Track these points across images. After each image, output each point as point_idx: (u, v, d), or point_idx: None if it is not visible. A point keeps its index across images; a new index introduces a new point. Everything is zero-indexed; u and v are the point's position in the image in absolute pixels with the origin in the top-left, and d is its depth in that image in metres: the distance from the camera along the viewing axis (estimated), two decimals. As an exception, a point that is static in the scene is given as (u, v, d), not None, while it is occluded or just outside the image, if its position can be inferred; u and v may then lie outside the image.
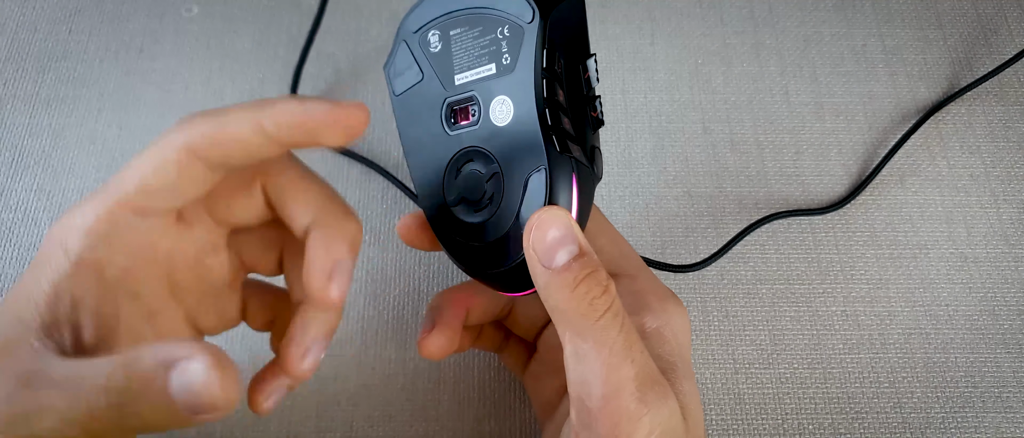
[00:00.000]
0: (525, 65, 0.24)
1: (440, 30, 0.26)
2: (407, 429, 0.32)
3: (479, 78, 0.25)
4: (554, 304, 0.22)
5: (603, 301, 0.21)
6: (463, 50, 0.25)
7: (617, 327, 0.21)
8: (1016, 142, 0.39)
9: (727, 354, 0.34)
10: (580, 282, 0.21)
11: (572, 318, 0.21)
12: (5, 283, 0.35)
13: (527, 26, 0.24)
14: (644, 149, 0.39)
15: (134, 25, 0.42)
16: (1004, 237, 0.36)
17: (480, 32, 0.25)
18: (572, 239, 0.22)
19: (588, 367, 0.21)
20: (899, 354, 0.34)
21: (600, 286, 0.21)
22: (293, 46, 0.41)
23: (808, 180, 0.38)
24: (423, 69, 0.26)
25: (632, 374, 0.21)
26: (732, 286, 0.35)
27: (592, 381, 0.21)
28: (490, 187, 0.25)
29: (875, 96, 0.40)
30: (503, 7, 0.24)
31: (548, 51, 0.24)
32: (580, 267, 0.21)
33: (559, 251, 0.21)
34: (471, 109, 0.25)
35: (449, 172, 0.25)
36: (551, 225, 0.22)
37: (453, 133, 0.25)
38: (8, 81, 0.40)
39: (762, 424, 0.32)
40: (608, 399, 0.21)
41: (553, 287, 0.21)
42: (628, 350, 0.21)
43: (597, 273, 0.21)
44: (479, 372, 0.33)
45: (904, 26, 0.42)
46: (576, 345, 0.21)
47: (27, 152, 0.38)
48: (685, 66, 0.41)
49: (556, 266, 0.21)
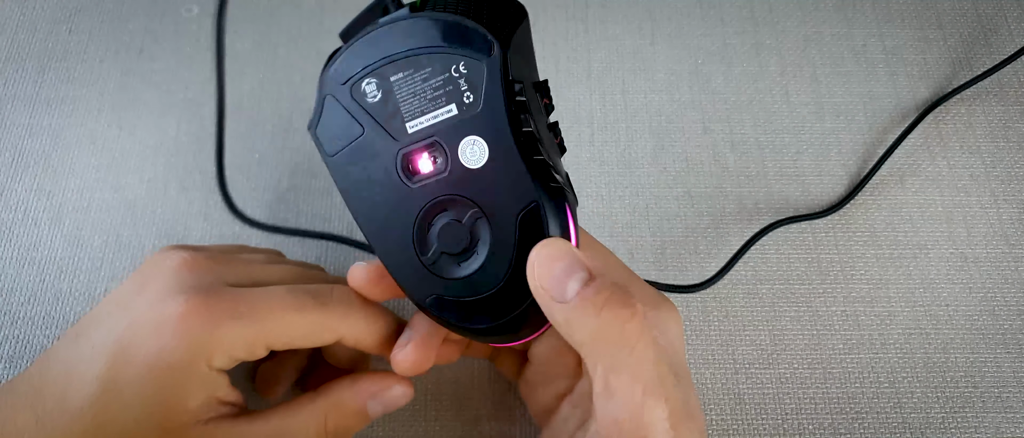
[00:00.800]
0: (493, 101, 0.22)
1: (376, 79, 0.23)
2: (407, 429, 0.32)
3: (437, 121, 0.23)
4: (581, 338, 0.21)
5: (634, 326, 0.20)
6: (411, 95, 0.23)
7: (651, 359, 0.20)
8: (1016, 142, 0.39)
9: (727, 354, 0.34)
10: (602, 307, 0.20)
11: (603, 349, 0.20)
12: (5, 283, 0.35)
13: (487, 60, 0.22)
14: (644, 149, 0.39)
15: (134, 25, 0.42)
16: (1004, 237, 0.36)
17: (429, 73, 0.23)
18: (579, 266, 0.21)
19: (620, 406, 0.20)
20: (899, 354, 0.34)
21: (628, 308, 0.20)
22: (293, 46, 0.41)
23: (808, 180, 0.38)
24: (362, 123, 0.24)
25: (666, 414, 0.20)
26: (732, 286, 0.35)
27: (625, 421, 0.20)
28: (476, 235, 0.23)
29: (875, 96, 0.40)
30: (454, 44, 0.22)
31: (512, 83, 0.22)
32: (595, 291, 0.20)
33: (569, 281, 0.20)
34: (434, 157, 0.23)
35: (418, 228, 0.23)
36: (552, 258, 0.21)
37: (415, 185, 0.23)
38: (8, 81, 0.40)
39: (762, 424, 0.32)
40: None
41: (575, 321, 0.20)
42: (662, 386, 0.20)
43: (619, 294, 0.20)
44: (479, 372, 0.33)
45: (904, 26, 0.42)
46: (607, 380, 0.20)
47: (27, 152, 0.38)
48: (685, 66, 0.41)
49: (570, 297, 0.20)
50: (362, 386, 0.27)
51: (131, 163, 0.38)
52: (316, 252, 0.36)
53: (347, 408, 0.26)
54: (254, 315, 0.24)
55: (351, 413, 0.26)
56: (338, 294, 0.26)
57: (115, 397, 0.23)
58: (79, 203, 0.37)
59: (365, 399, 0.26)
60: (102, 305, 0.25)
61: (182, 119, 0.39)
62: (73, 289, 0.35)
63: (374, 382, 0.27)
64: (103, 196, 0.37)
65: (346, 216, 0.37)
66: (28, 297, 0.34)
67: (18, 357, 0.33)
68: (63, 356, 0.24)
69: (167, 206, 0.37)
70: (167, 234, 0.36)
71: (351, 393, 0.26)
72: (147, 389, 0.23)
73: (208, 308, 0.23)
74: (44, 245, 0.36)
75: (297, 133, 0.39)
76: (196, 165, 0.38)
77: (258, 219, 0.36)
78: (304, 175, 0.38)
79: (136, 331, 0.23)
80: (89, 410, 0.23)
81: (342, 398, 0.26)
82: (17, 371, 0.33)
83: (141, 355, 0.23)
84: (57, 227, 0.36)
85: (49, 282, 0.35)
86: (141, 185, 0.37)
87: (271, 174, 0.38)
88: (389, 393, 0.27)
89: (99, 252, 0.35)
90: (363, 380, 0.27)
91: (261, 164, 0.38)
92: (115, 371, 0.23)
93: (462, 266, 0.23)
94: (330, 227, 0.36)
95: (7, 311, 0.34)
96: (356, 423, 0.27)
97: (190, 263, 0.25)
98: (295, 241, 0.36)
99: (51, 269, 0.35)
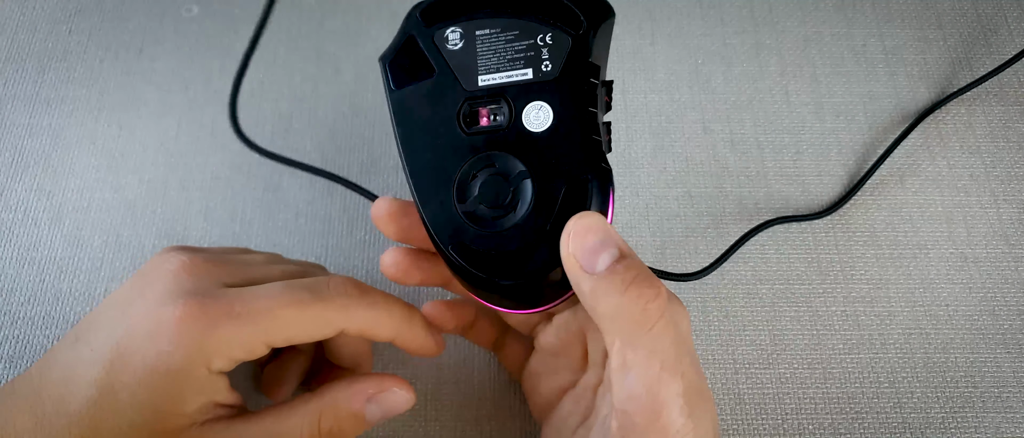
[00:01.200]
0: (570, 74, 0.23)
1: (462, 29, 0.25)
2: (407, 429, 0.32)
3: (510, 81, 0.24)
4: (604, 311, 0.21)
5: (656, 306, 0.21)
6: (491, 52, 0.24)
7: (670, 337, 0.21)
8: (1016, 142, 0.39)
9: (727, 354, 0.34)
10: (629, 285, 0.20)
11: (624, 325, 0.21)
12: (5, 283, 0.35)
13: (575, 36, 0.23)
14: (644, 149, 0.39)
15: (134, 25, 0.42)
16: (1004, 237, 0.36)
17: (516, 36, 0.24)
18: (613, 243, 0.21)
19: (637, 380, 0.21)
20: (899, 354, 0.34)
21: (653, 289, 0.21)
22: (293, 46, 0.41)
23: (808, 180, 0.38)
24: (436, 66, 0.25)
25: (681, 389, 0.21)
26: (732, 286, 0.35)
27: (641, 395, 0.21)
28: (519, 194, 0.23)
29: (875, 96, 0.40)
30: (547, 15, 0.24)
31: (592, 64, 0.23)
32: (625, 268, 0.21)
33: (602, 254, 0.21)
34: (497, 113, 0.24)
35: (462, 175, 0.24)
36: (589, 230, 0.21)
37: (471, 135, 0.24)
38: (8, 81, 0.40)
39: (762, 424, 0.32)
40: (657, 414, 0.20)
41: (600, 292, 0.21)
42: (679, 362, 0.21)
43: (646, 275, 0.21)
44: (479, 372, 0.33)
45: (904, 26, 0.42)
46: (625, 355, 0.21)
47: (27, 152, 0.38)
48: (685, 66, 0.41)
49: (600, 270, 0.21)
50: (359, 387, 0.26)
51: (131, 163, 0.38)
52: (317, 252, 0.36)
53: (342, 409, 0.26)
54: (251, 314, 0.24)
55: (346, 415, 0.26)
56: (335, 285, 0.26)
57: (112, 401, 0.23)
58: (79, 203, 0.37)
59: (362, 401, 0.26)
60: (101, 308, 0.25)
61: (182, 119, 0.39)
62: (73, 289, 0.35)
63: (372, 383, 0.27)
64: (103, 196, 0.37)
65: (332, 212, 0.37)
66: (28, 297, 0.34)
67: (18, 357, 0.33)
68: (62, 359, 0.24)
69: (167, 206, 0.37)
70: (167, 234, 0.36)
71: (347, 394, 0.26)
72: (143, 394, 0.23)
73: (204, 311, 0.23)
74: (44, 245, 0.36)
75: (297, 133, 0.39)
76: (196, 165, 0.38)
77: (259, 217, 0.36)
78: (304, 175, 0.38)
79: (133, 336, 0.23)
80: (86, 414, 0.23)
81: (337, 399, 0.26)
82: (17, 371, 0.33)
83: (138, 360, 0.23)
84: (57, 227, 0.36)
85: (49, 282, 0.35)
86: (141, 185, 0.37)
87: (271, 175, 0.38)
88: (388, 396, 0.27)
89: (99, 252, 0.35)
90: (360, 381, 0.27)
91: (261, 164, 0.38)
92: (112, 376, 0.23)
93: (496, 222, 0.24)
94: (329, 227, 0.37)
95: (7, 311, 0.34)
96: (352, 426, 0.26)
97: (188, 266, 0.25)
98: (295, 240, 0.36)
99: (51, 269, 0.35)
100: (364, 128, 0.39)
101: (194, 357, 0.23)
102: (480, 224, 0.24)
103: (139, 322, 0.24)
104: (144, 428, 0.23)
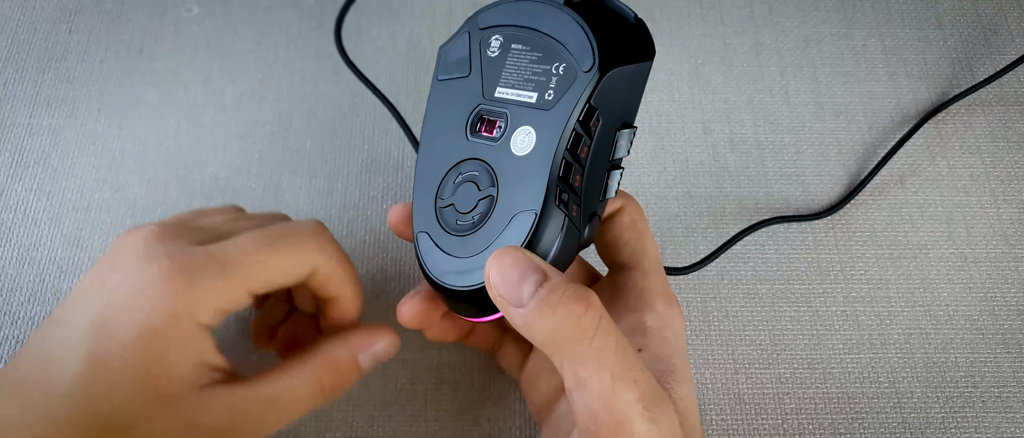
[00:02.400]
0: (564, 110, 0.23)
1: (503, 37, 0.25)
2: (407, 429, 0.32)
3: (517, 100, 0.24)
4: (542, 338, 0.21)
5: (590, 318, 0.20)
6: (516, 67, 0.25)
7: (612, 346, 0.21)
8: (1016, 142, 0.39)
9: (727, 354, 0.34)
10: (557, 305, 0.20)
11: (564, 345, 0.21)
12: (4, 283, 0.35)
13: (582, 74, 0.23)
14: (644, 149, 0.39)
15: (134, 25, 0.42)
16: (1004, 237, 0.36)
17: (539, 58, 0.24)
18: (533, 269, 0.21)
19: (592, 396, 0.20)
20: (899, 354, 0.34)
21: (582, 302, 0.21)
22: (293, 46, 0.41)
23: (808, 180, 0.38)
24: (473, 67, 0.25)
25: (637, 396, 0.20)
26: (732, 286, 0.35)
27: (599, 410, 0.20)
28: (480, 206, 0.24)
29: (875, 96, 0.40)
30: (569, 44, 0.23)
31: (590, 107, 0.23)
32: (549, 290, 0.21)
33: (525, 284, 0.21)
34: (498, 126, 0.24)
35: (452, 172, 0.25)
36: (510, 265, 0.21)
37: (471, 139, 0.25)
38: (8, 81, 0.40)
39: (762, 424, 0.32)
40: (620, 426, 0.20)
41: (533, 321, 0.21)
42: (629, 370, 0.21)
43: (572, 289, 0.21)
44: (479, 372, 0.33)
45: (904, 26, 0.42)
46: (575, 373, 0.21)
47: (27, 152, 0.38)
48: (685, 66, 0.41)
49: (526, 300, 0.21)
50: (352, 340, 0.27)
51: (131, 163, 0.38)
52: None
53: (340, 362, 0.27)
54: (230, 263, 0.24)
55: (344, 367, 0.27)
56: (306, 226, 0.27)
57: (103, 373, 0.22)
58: (79, 203, 0.37)
59: (356, 353, 0.27)
60: (73, 293, 0.25)
61: (182, 119, 0.39)
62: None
63: (362, 336, 0.28)
64: (103, 196, 0.37)
65: (333, 211, 0.37)
66: (28, 297, 0.34)
67: (18, 357, 0.33)
68: (40, 344, 0.24)
69: (167, 206, 0.37)
70: (167, 234, 0.36)
71: (343, 348, 0.27)
72: (134, 358, 0.23)
73: (183, 268, 0.24)
74: (44, 245, 0.36)
75: (297, 134, 0.39)
76: (196, 165, 0.38)
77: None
78: (304, 175, 0.38)
79: (115, 304, 0.23)
80: (79, 391, 0.22)
81: (334, 353, 0.27)
82: (17, 371, 0.33)
83: (124, 326, 0.23)
84: (57, 227, 0.36)
85: (49, 282, 0.35)
86: (141, 185, 0.37)
87: (271, 175, 0.38)
88: (379, 344, 0.28)
89: (99, 252, 0.35)
90: (352, 335, 0.28)
91: (261, 164, 0.38)
92: (98, 348, 0.23)
93: (457, 225, 0.25)
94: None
95: (7, 311, 0.34)
96: (350, 377, 0.27)
97: (158, 232, 0.25)
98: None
99: (51, 269, 0.35)
100: (364, 128, 0.39)
101: (180, 312, 0.23)
102: (442, 222, 0.25)
103: (119, 291, 0.23)
104: (141, 394, 0.23)
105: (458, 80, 0.26)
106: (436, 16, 0.42)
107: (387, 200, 0.37)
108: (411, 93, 0.40)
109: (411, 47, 0.41)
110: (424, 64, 0.41)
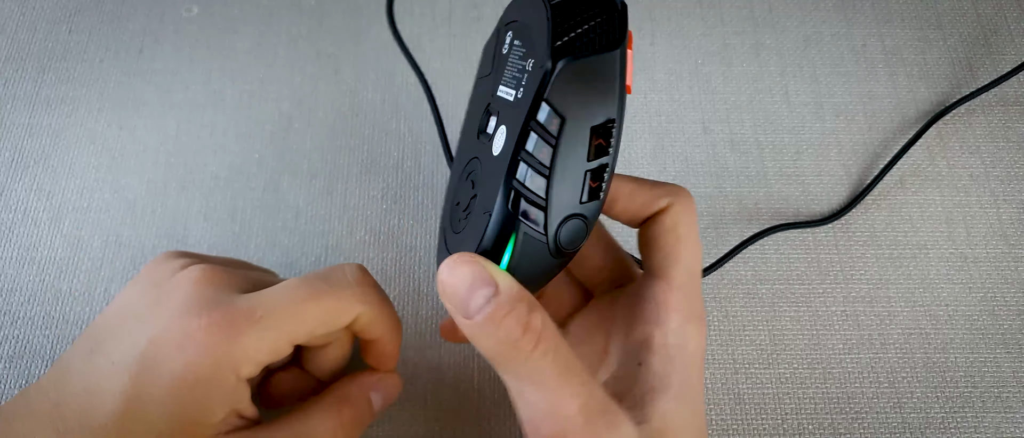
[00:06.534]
0: (523, 107, 0.21)
1: (512, 33, 0.24)
2: (407, 429, 0.32)
3: (505, 98, 0.23)
4: (485, 353, 0.21)
5: (526, 340, 0.20)
6: (511, 63, 0.24)
7: (549, 364, 0.21)
8: (1016, 143, 0.39)
9: (727, 354, 0.34)
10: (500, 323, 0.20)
11: (503, 362, 0.21)
12: (4, 283, 0.35)
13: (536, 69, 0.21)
14: (644, 149, 0.39)
15: (134, 25, 0.42)
16: (1004, 237, 0.36)
17: (524, 54, 0.23)
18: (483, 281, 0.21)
19: (532, 408, 0.21)
20: (899, 354, 0.34)
21: (520, 325, 0.20)
22: (293, 46, 0.41)
23: (808, 180, 0.38)
24: (494, 64, 0.25)
25: (576, 409, 0.21)
26: (732, 286, 0.35)
27: (539, 421, 0.21)
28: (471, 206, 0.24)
29: (875, 96, 0.40)
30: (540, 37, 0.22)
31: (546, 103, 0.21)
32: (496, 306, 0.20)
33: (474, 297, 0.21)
34: (490, 125, 0.24)
35: (464, 172, 0.25)
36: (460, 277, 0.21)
37: (479, 140, 0.25)
38: (8, 81, 0.40)
39: (762, 424, 0.32)
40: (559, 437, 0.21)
41: (477, 336, 0.21)
42: (566, 385, 0.21)
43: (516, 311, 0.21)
44: (479, 372, 0.33)
45: (904, 26, 0.42)
46: (516, 386, 0.21)
47: (27, 152, 0.38)
48: (685, 66, 0.41)
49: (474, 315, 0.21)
50: (363, 380, 0.28)
51: (131, 163, 0.38)
52: (317, 252, 0.36)
53: (357, 400, 0.28)
54: (273, 315, 0.24)
55: (361, 405, 0.28)
56: (347, 273, 0.27)
57: (139, 413, 0.23)
58: (79, 203, 0.37)
59: (368, 391, 0.28)
60: (113, 317, 0.25)
61: (182, 119, 0.39)
62: (73, 289, 0.35)
63: (371, 376, 0.29)
64: (103, 196, 0.37)
65: (342, 226, 0.37)
66: (28, 297, 0.34)
67: (18, 357, 0.33)
68: (80, 370, 0.24)
69: (167, 206, 0.37)
70: (167, 234, 0.36)
71: (357, 387, 0.28)
72: (172, 404, 0.23)
73: (229, 319, 0.24)
74: (44, 245, 0.36)
75: (297, 134, 0.39)
76: (196, 165, 0.38)
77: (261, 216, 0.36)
78: (304, 175, 0.38)
79: (159, 346, 0.23)
80: (113, 426, 0.23)
81: (350, 392, 0.28)
82: (17, 371, 0.33)
83: (166, 370, 0.23)
84: (57, 227, 0.36)
85: (49, 282, 0.35)
86: (141, 185, 0.37)
87: (271, 175, 0.38)
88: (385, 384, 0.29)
89: (99, 252, 0.35)
90: (362, 375, 0.29)
91: (261, 164, 0.38)
92: (139, 387, 0.23)
93: (457, 223, 0.25)
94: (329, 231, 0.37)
95: (7, 311, 0.34)
96: (367, 415, 0.28)
97: (208, 276, 0.25)
98: (295, 240, 0.36)
99: (51, 269, 0.35)
100: (364, 128, 0.39)
101: (223, 365, 0.23)
102: (453, 222, 0.25)
103: (164, 333, 0.24)
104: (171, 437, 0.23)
105: (485, 78, 0.26)
106: (436, 16, 0.42)
107: (387, 200, 0.37)
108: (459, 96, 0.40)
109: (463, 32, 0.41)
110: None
